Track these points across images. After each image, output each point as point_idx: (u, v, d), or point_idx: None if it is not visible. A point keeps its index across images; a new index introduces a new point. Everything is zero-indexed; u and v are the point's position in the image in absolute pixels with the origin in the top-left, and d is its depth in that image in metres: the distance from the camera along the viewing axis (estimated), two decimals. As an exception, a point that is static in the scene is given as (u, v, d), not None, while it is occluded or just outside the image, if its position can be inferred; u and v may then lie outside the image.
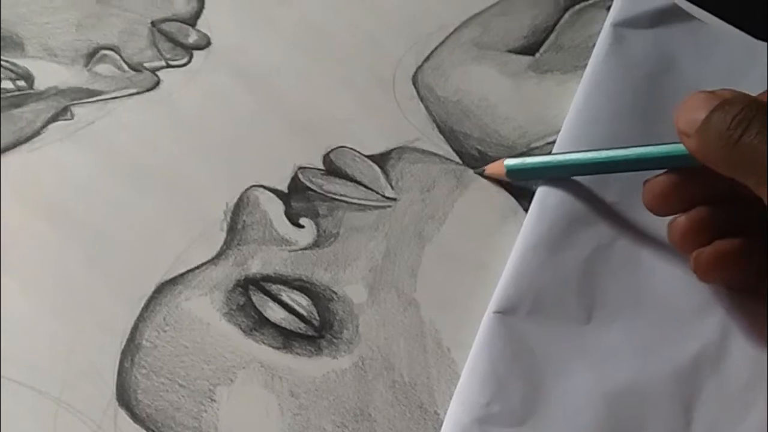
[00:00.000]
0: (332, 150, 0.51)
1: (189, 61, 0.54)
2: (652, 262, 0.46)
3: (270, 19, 0.57)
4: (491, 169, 0.50)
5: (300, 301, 0.45)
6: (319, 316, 0.45)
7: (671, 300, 0.46)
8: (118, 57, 0.54)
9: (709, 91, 0.42)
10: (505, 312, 0.44)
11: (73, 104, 0.52)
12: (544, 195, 0.49)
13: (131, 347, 0.43)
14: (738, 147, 0.39)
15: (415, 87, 0.54)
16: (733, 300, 0.46)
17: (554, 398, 0.43)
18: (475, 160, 0.51)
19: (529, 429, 0.42)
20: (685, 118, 0.42)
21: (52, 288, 0.45)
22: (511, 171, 0.49)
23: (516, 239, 0.47)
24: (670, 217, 0.45)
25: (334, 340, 0.44)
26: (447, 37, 0.56)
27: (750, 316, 0.45)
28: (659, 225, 0.46)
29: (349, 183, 0.50)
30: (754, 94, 0.44)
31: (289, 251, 0.47)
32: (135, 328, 0.44)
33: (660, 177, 0.45)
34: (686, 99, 0.43)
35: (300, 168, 0.50)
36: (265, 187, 0.49)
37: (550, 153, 0.50)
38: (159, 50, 0.55)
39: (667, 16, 0.56)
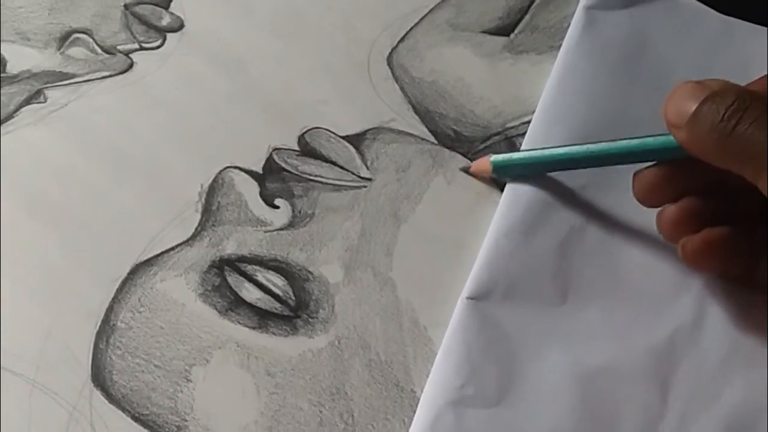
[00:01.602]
0: (307, 131, 0.51)
1: (162, 44, 0.54)
2: (625, 244, 0.46)
3: (244, 2, 0.57)
4: (477, 166, 0.50)
5: (275, 281, 0.45)
6: (294, 296, 0.45)
7: (646, 281, 0.46)
8: (91, 40, 0.54)
9: (696, 82, 0.42)
10: (479, 298, 0.44)
11: (47, 87, 0.52)
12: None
13: (106, 328, 0.43)
14: (732, 138, 0.39)
15: (390, 68, 0.54)
16: (708, 280, 0.46)
17: (529, 380, 0.43)
18: (450, 140, 0.51)
19: (504, 409, 0.42)
20: (673, 109, 0.42)
21: (26, 270, 0.45)
22: (498, 166, 0.48)
23: (491, 220, 0.47)
24: (642, 197, 0.45)
25: (310, 320, 0.44)
26: (421, 19, 0.56)
27: (724, 296, 0.45)
28: (632, 207, 0.46)
29: (324, 164, 0.50)
30: (730, 73, 0.44)
31: (265, 232, 0.47)
32: (110, 310, 0.44)
33: (649, 169, 0.45)
34: (674, 90, 0.42)
35: (275, 149, 0.50)
36: (240, 169, 0.49)
37: (534, 149, 0.49)
38: (132, 33, 0.54)
39: (641, -4, 0.56)
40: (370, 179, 0.49)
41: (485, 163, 0.49)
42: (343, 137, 0.51)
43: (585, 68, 0.52)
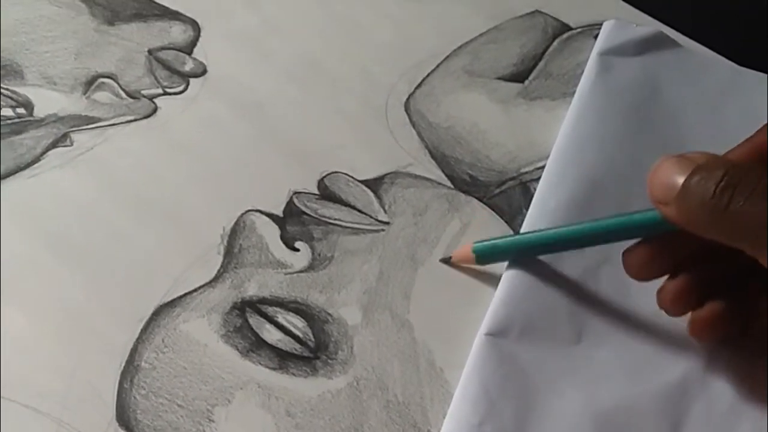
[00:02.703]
0: (326, 175, 0.52)
1: (185, 89, 0.55)
2: (638, 285, 0.47)
3: (264, 48, 0.58)
4: (458, 255, 0.49)
5: (296, 322, 0.46)
6: (314, 337, 0.46)
7: (659, 321, 0.46)
8: (116, 84, 0.55)
9: (679, 155, 0.41)
10: (496, 334, 0.45)
11: (72, 131, 0.52)
12: (533, 220, 0.50)
13: (130, 369, 0.44)
14: (727, 214, 0.38)
15: (407, 113, 0.55)
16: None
17: (545, 418, 0.43)
18: (466, 184, 0.52)
19: (521, 448, 0.42)
20: (659, 185, 0.41)
21: (52, 311, 0.46)
22: (480, 254, 0.48)
23: (506, 263, 0.48)
24: (635, 275, 0.45)
25: (330, 361, 0.45)
26: (438, 65, 0.58)
27: (733, 342, 0.45)
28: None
29: (343, 207, 0.51)
30: (739, 120, 0.44)
31: (285, 274, 0.48)
32: (134, 350, 0.45)
33: (637, 247, 0.44)
34: (656, 166, 0.41)
35: (295, 193, 0.51)
36: (260, 212, 0.50)
37: (517, 233, 0.50)
38: (156, 78, 0.55)
39: (654, 44, 0.57)
40: (387, 223, 0.50)
41: (467, 251, 0.48)
42: (361, 181, 0.52)
43: (599, 114, 0.53)
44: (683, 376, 0.45)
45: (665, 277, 0.45)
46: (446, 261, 0.49)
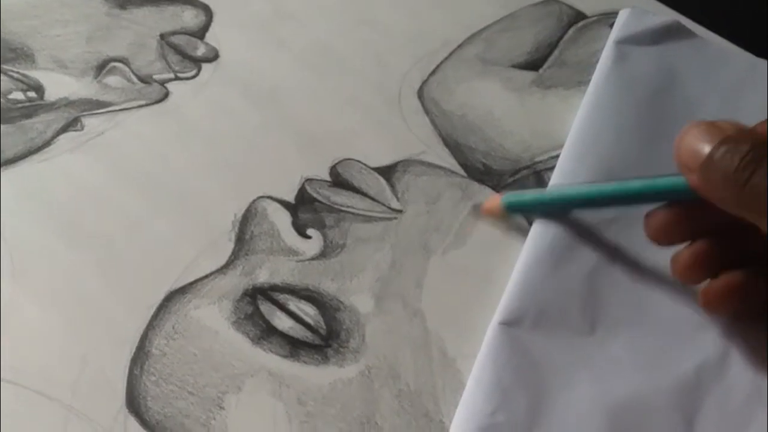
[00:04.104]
0: (339, 162, 0.51)
1: (197, 74, 0.55)
2: (653, 277, 0.47)
3: (277, 34, 0.57)
4: (489, 204, 0.50)
5: (307, 310, 0.46)
6: (326, 325, 0.46)
7: (673, 313, 0.46)
8: (127, 69, 0.55)
9: (710, 123, 0.41)
10: (510, 323, 0.45)
11: (83, 115, 0.52)
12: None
13: (141, 355, 0.44)
14: (747, 189, 0.38)
15: (421, 101, 0.55)
16: (733, 316, 0.46)
17: (558, 409, 0.43)
18: (479, 173, 0.52)
19: (533, 438, 0.42)
20: (687, 150, 0.41)
21: (62, 296, 0.46)
22: (509, 206, 0.49)
23: (520, 251, 0.48)
24: (655, 238, 0.45)
25: (341, 349, 0.45)
26: (451, 53, 0.57)
27: (749, 332, 0.45)
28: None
29: (355, 195, 0.50)
30: (756, 111, 0.44)
31: (297, 261, 0.48)
32: (144, 337, 0.44)
33: (661, 210, 0.45)
34: (685, 130, 0.42)
35: (307, 179, 0.51)
36: (272, 198, 0.50)
37: (545, 188, 0.50)
38: (168, 62, 0.55)
39: (670, 34, 0.56)
40: (400, 211, 0.50)
41: (496, 201, 0.49)
42: (374, 169, 0.51)
43: (614, 103, 0.53)
44: (697, 368, 0.44)
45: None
46: (476, 211, 0.50)
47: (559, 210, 0.48)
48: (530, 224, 0.49)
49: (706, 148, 0.40)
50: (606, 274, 0.47)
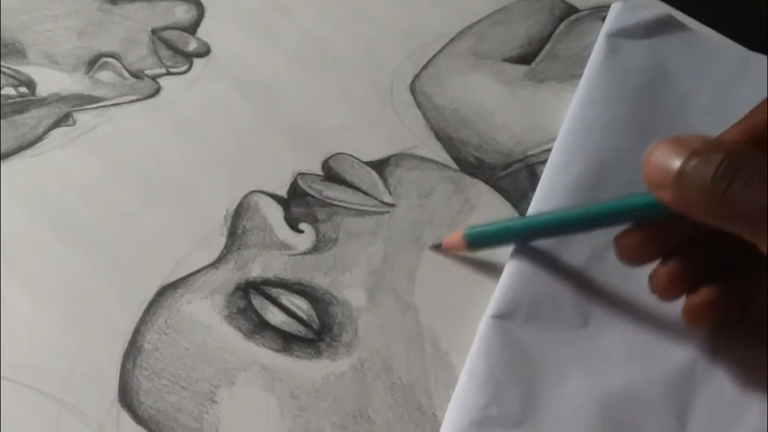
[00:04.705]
0: (331, 156, 0.51)
1: (189, 69, 0.55)
2: (646, 268, 0.47)
3: (269, 28, 0.57)
4: (449, 241, 0.48)
5: (300, 304, 0.46)
6: (318, 319, 0.46)
7: (666, 306, 0.46)
8: (119, 64, 0.55)
9: (674, 138, 0.40)
10: (503, 316, 0.45)
11: (75, 110, 0.52)
12: (539, 203, 0.49)
13: (133, 350, 0.44)
14: (727, 198, 0.38)
15: (413, 95, 0.55)
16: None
17: (551, 402, 0.43)
18: (472, 167, 0.52)
19: (526, 431, 0.42)
20: (655, 168, 0.40)
21: (54, 291, 0.46)
22: (471, 240, 0.47)
23: (512, 246, 0.48)
24: (627, 260, 0.45)
25: (334, 343, 0.45)
26: (444, 47, 0.57)
27: (741, 327, 0.45)
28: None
29: (347, 189, 0.50)
30: (747, 104, 0.44)
31: (289, 255, 0.48)
32: (137, 331, 0.44)
33: (630, 232, 0.44)
34: (651, 149, 0.41)
35: (299, 174, 0.51)
36: (264, 193, 0.50)
37: (508, 219, 0.49)
38: (159, 58, 0.55)
39: (662, 27, 0.56)
40: (393, 205, 0.50)
41: (457, 237, 0.48)
42: (366, 163, 0.51)
43: (606, 96, 0.53)
44: (690, 360, 0.44)
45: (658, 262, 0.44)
46: (436, 247, 0.48)
47: (523, 240, 0.47)
48: (527, 209, 0.49)
49: (677, 162, 0.39)
50: (598, 267, 0.47)
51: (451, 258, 0.48)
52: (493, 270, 0.47)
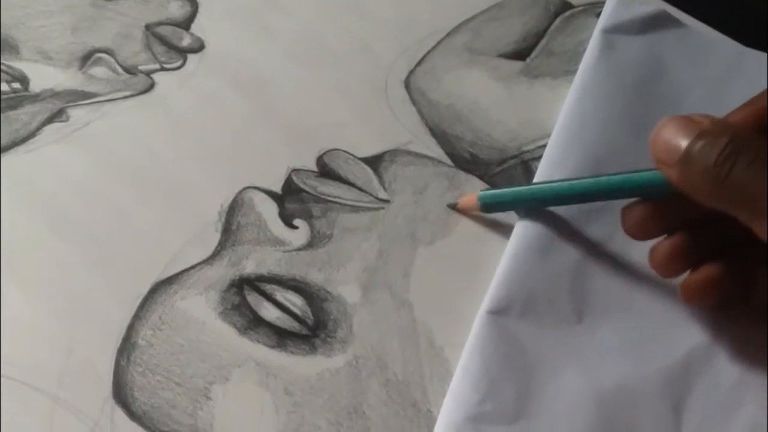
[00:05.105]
0: (326, 152, 0.51)
1: (183, 64, 0.55)
2: (641, 264, 0.47)
3: (263, 24, 0.57)
4: (465, 201, 0.49)
5: (294, 300, 0.46)
6: (313, 315, 0.45)
7: (661, 301, 0.46)
8: (112, 60, 0.54)
9: (685, 117, 0.41)
10: (498, 312, 0.45)
11: (69, 106, 0.52)
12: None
13: (127, 346, 0.44)
14: (728, 182, 0.38)
15: (408, 91, 0.55)
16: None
17: (546, 397, 0.43)
18: (467, 162, 0.52)
19: (521, 428, 0.42)
20: (662, 146, 0.41)
21: (48, 287, 0.45)
22: (485, 203, 0.49)
23: (508, 240, 0.48)
24: (632, 233, 0.45)
25: (328, 339, 0.45)
26: (439, 42, 0.57)
27: (736, 319, 0.45)
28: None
29: (342, 185, 0.50)
30: (742, 100, 0.44)
31: (283, 252, 0.48)
32: (131, 327, 0.44)
33: (637, 205, 0.44)
34: (661, 125, 0.42)
35: (294, 170, 0.50)
36: (259, 189, 0.50)
37: (523, 184, 0.50)
38: (153, 53, 0.55)
39: (657, 23, 0.56)
40: (387, 201, 0.50)
41: (473, 198, 0.49)
42: (361, 159, 0.51)
43: (601, 91, 0.53)
44: (685, 356, 0.44)
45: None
46: (453, 206, 0.49)
47: (535, 207, 0.48)
48: (518, 216, 0.49)
49: (684, 143, 0.40)
50: (593, 262, 0.47)
51: (448, 252, 0.48)
52: (488, 265, 0.47)
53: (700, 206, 0.41)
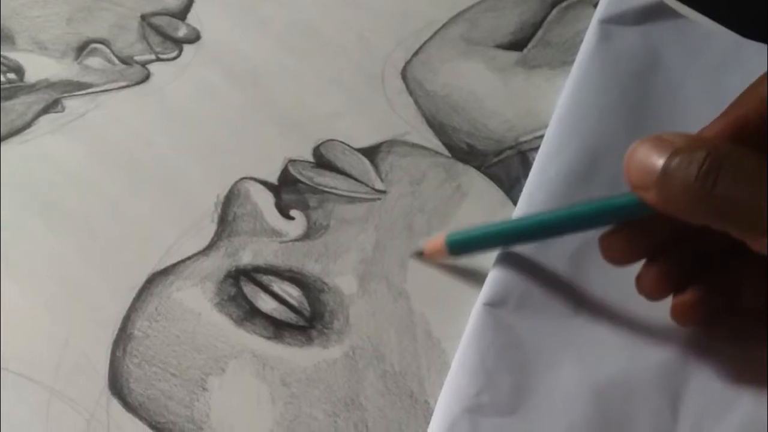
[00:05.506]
0: (322, 143, 0.51)
1: (179, 55, 0.55)
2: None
3: (259, 14, 0.57)
4: (431, 245, 0.47)
5: (291, 291, 0.46)
6: (309, 306, 0.45)
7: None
8: (108, 50, 0.54)
9: (655, 137, 0.40)
10: (495, 304, 0.45)
11: (64, 97, 0.52)
12: (531, 190, 0.49)
13: (123, 337, 0.44)
14: (714, 196, 0.37)
15: (404, 82, 0.54)
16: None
17: (543, 390, 0.43)
18: (464, 153, 0.51)
19: (518, 420, 0.42)
20: (637, 169, 0.40)
21: (44, 279, 0.45)
22: (453, 246, 0.46)
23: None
24: (612, 261, 0.44)
25: (325, 331, 0.45)
26: (435, 33, 0.57)
27: (719, 322, 0.45)
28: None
29: (338, 175, 0.50)
30: (739, 91, 0.44)
31: (280, 243, 0.47)
32: (127, 319, 0.44)
33: (615, 233, 0.43)
34: (632, 149, 0.40)
35: (290, 161, 0.50)
36: (255, 180, 0.49)
37: (489, 224, 0.47)
38: (149, 44, 0.55)
39: (654, 14, 0.56)
40: (384, 192, 0.50)
41: (440, 242, 0.47)
42: (357, 149, 0.51)
43: (598, 83, 0.53)
44: (681, 349, 0.44)
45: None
46: (418, 255, 0.48)
47: (507, 244, 0.46)
48: (518, 197, 0.49)
49: (659, 162, 0.39)
50: (590, 255, 0.47)
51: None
52: (485, 257, 0.47)
53: (676, 225, 0.40)
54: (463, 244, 0.47)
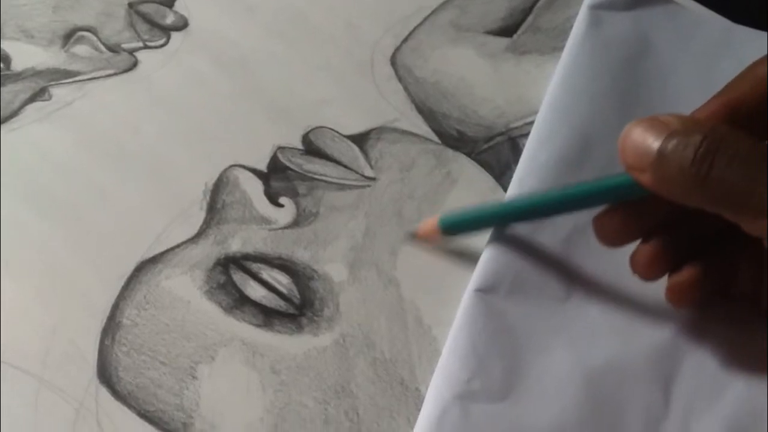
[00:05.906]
0: (311, 130, 0.51)
1: (167, 42, 0.54)
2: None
3: (247, 1, 0.57)
4: (424, 227, 0.47)
5: (280, 279, 0.46)
6: (299, 294, 0.45)
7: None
8: (95, 38, 0.54)
9: (652, 118, 0.40)
10: (486, 290, 0.45)
11: (51, 85, 0.52)
12: (522, 176, 0.49)
13: (112, 326, 0.43)
14: (710, 180, 0.37)
15: (394, 68, 0.54)
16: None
17: (534, 375, 0.43)
18: (454, 140, 0.51)
19: (510, 405, 0.42)
20: (633, 150, 0.39)
21: (31, 268, 0.45)
22: (446, 227, 0.46)
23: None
24: (606, 242, 0.44)
25: (315, 318, 0.44)
26: (425, 19, 0.57)
27: (713, 305, 0.45)
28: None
29: (328, 162, 0.50)
30: (730, 77, 0.43)
31: (269, 230, 0.47)
32: (115, 307, 0.44)
33: (609, 214, 0.43)
34: (627, 130, 0.40)
35: (279, 148, 0.50)
36: (244, 167, 0.49)
37: (484, 204, 0.48)
38: (136, 31, 0.55)
39: (644, -1, 0.56)
40: (374, 178, 0.49)
41: (433, 223, 0.47)
42: (347, 136, 0.51)
43: (588, 68, 0.53)
44: (674, 332, 0.44)
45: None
46: (413, 236, 0.47)
47: (500, 224, 0.46)
48: (509, 183, 0.48)
49: (655, 144, 0.38)
50: (581, 240, 0.47)
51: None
52: (476, 243, 0.47)
53: (671, 206, 0.40)
54: (456, 224, 0.47)
